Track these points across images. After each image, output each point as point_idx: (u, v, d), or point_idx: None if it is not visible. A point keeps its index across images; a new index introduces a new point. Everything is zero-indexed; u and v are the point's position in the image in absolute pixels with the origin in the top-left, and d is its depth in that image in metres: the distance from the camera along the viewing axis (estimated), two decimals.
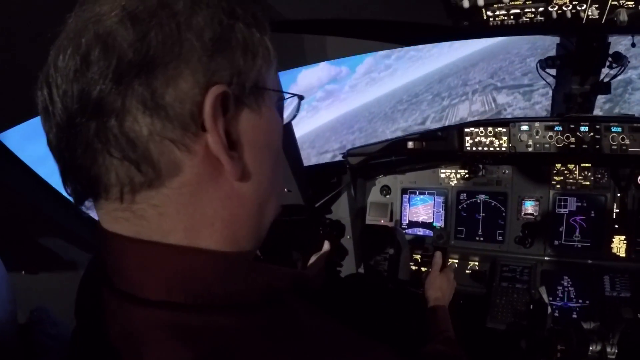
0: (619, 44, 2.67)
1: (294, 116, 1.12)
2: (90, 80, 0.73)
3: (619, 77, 2.85)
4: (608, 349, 2.37)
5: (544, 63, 2.86)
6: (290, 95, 1.07)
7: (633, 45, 2.46)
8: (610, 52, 2.66)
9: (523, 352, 2.84)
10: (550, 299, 3.02)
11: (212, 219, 0.83)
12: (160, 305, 0.78)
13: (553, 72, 2.95)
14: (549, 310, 2.78)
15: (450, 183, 3.41)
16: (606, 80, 2.80)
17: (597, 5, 1.97)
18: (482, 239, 3.36)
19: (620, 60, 2.65)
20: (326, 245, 2.63)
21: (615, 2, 1.94)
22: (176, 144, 0.76)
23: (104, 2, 0.76)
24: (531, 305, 2.98)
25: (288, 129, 2.53)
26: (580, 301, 3.04)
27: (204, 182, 0.80)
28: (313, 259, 2.68)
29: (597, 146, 2.82)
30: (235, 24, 0.81)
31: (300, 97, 1.11)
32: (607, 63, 2.72)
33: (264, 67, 0.86)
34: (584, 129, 2.83)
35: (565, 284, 3.10)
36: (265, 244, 1.01)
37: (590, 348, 2.40)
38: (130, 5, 0.74)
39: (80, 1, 0.80)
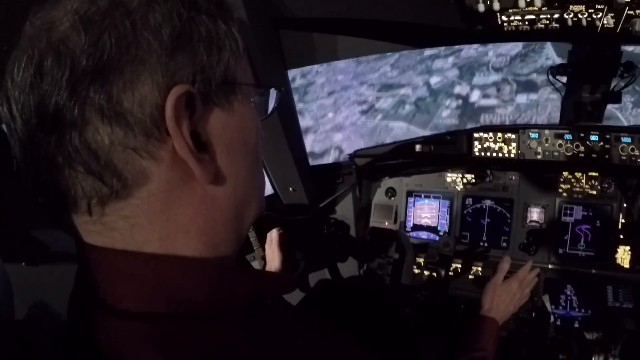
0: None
1: (273, 110, 1.06)
2: (46, 92, 0.70)
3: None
4: None
5: (555, 70, 2.85)
6: (265, 89, 1.03)
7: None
8: (622, 61, 2.65)
9: (524, 359, 2.84)
10: (553, 307, 3.00)
11: (187, 225, 0.81)
12: (142, 317, 0.76)
13: (564, 79, 2.93)
14: (552, 319, 2.77)
15: (457, 187, 3.39)
16: (616, 89, 2.78)
17: (612, 14, 1.96)
18: (486, 244, 3.34)
19: (632, 69, 2.63)
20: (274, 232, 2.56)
21: (631, 12, 1.93)
22: (140, 152, 0.73)
23: (57, 8, 0.73)
24: (533, 313, 2.97)
25: (294, 127, 2.53)
26: (583, 311, 3.02)
27: (175, 188, 0.78)
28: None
29: (607, 156, 2.81)
30: (197, 17, 0.78)
31: (279, 90, 1.07)
32: (619, 72, 2.70)
33: (232, 60, 0.82)
34: (593, 138, 2.81)
35: (569, 292, 3.08)
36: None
37: (592, 359, 2.39)
38: (82, 7, 0.71)
39: (33, 9, 0.76)
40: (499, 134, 3.05)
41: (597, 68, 2.71)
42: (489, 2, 1.90)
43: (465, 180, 3.37)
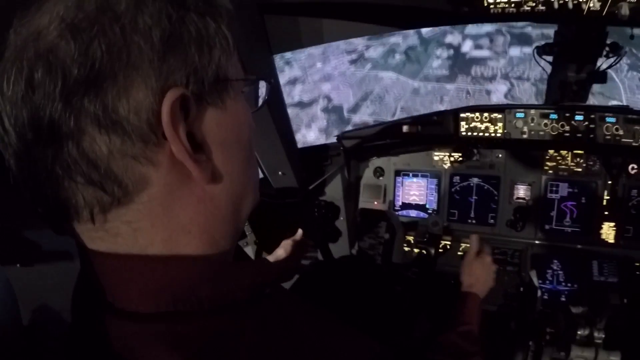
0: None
1: (264, 102, 1.07)
2: (39, 105, 0.68)
3: None
4: (595, 334, 2.42)
5: (541, 50, 2.86)
6: (256, 81, 1.02)
7: (632, 37, 2.46)
8: (608, 41, 2.66)
9: (513, 333, 2.90)
10: (540, 282, 3.06)
11: (189, 225, 0.81)
12: (151, 318, 0.78)
13: (549, 58, 2.94)
14: (539, 293, 2.83)
15: (444, 166, 3.42)
16: (602, 69, 2.80)
17: None
18: (474, 221, 3.39)
19: (617, 50, 2.65)
20: (298, 233, 2.60)
21: None
22: (139, 159, 0.73)
23: (42, 14, 0.72)
24: (521, 288, 3.03)
25: (281, 112, 2.51)
26: (569, 285, 3.08)
27: (174, 191, 0.78)
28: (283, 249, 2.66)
29: (591, 135, 2.84)
30: (186, 16, 0.76)
31: (268, 81, 1.07)
32: (604, 52, 2.71)
33: (222, 57, 0.82)
34: (578, 117, 2.84)
35: (555, 267, 3.14)
36: (259, 226, 1.02)
37: (578, 332, 2.44)
38: (68, 14, 0.69)
39: (18, 16, 0.74)
40: (485, 114, 3.06)
41: (582, 48, 2.72)
42: None
43: (452, 159, 3.39)
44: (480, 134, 3.10)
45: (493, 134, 3.07)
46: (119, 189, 0.73)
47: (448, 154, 3.40)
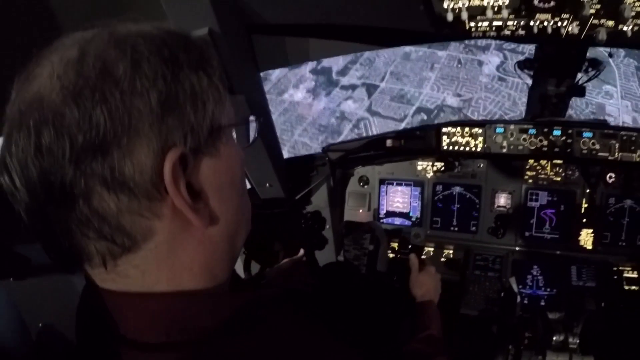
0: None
1: (254, 139, 1.15)
2: (50, 169, 0.74)
3: None
4: (570, 339, 2.51)
5: (522, 64, 2.93)
6: (246, 120, 1.11)
7: (610, 55, 2.55)
8: (588, 57, 2.74)
9: (494, 337, 2.97)
10: (520, 287, 3.15)
11: (190, 264, 0.89)
12: (162, 348, 0.86)
13: (531, 71, 3.02)
14: (518, 299, 2.91)
15: (427, 175, 3.49)
16: (581, 82, 2.88)
17: (577, 23, 2.03)
18: (456, 229, 3.47)
19: (597, 65, 2.73)
20: (300, 253, 2.70)
21: (596, 21, 2.00)
22: (145, 214, 0.80)
23: (42, 77, 0.77)
24: (502, 293, 3.11)
25: (265, 112, 2.56)
26: (548, 289, 3.17)
27: (177, 236, 0.85)
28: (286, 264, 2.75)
29: (569, 150, 2.92)
30: (180, 73, 0.82)
31: (258, 119, 1.16)
32: (584, 67, 2.79)
33: (216, 109, 0.88)
34: (556, 132, 2.92)
35: (535, 273, 3.23)
36: (248, 237, 1.08)
37: (554, 338, 2.53)
38: (69, 79, 0.75)
39: (19, 77, 0.81)
40: (466, 129, 3.14)
41: (562, 64, 2.79)
42: (457, 11, 1.95)
43: (435, 168, 3.46)
44: (462, 148, 3.17)
45: (474, 149, 3.14)
46: (128, 240, 0.80)
47: (431, 163, 3.47)
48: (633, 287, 3.09)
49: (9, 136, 0.77)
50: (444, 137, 3.19)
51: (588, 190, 3.20)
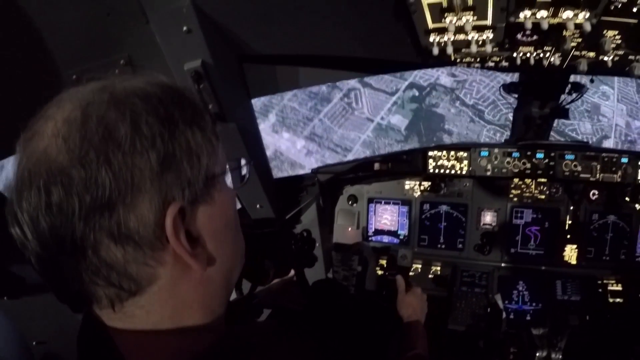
0: None
1: (246, 180, 1.27)
2: (60, 224, 0.81)
3: None
4: (553, 355, 2.58)
5: (507, 87, 3.00)
6: (238, 164, 1.22)
7: (592, 81, 2.62)
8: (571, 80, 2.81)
9: (481, 352, 3.03)
10: (506, 302, 3.21)
11: (191, 302, 0.97)
12: None
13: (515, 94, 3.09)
14: (504, 315, 2.97)
15: (414, 194, 3.55)
16: (564, 104, 2.95)
17: (559, 54, 2.09)
18: (443, 246, 3.53)
19: (579, 88, 2.80)
20: (291, 273, 2.76)
21: (578, 53, 2.06)
22: (149, 262, 0.88)
23: (44, 134, 0.84)
24: (488, 309, 3.16)
25: (258, 146, 2.61)
26: (534, 304, 3.24)
27: (178, 279, 0.93)
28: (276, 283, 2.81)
29: (551, 172, 3.01)
30: (176, 131, 0.89)
31: (248, 162, 1.27)
32: (567, 90, 2.86)
33: (210, 161, 0.96)
34: (539, 155, 3.00)
35: (520, 288, 3.29)
36: None
37: (537, 354, 2.60)
38: (73, 141, 0.81)
39: (24, 136, 0.88)
40: (452, 152, 3.23)
41: (546, 88, 2.87)
42: (443, 45, 2.00)
43: (422, 188, 3.52)
44: (447, 171, 3.26)
45: (459, 172, 3.24)
46: (134, 285, 0.89)
47: (418, 183, 3.53)
48: (617, 300, 3.17)
49: (19, 193, 0.84)
50: (430, 161, 3.28)
51: (572, 207, 3.28)
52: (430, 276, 3.46)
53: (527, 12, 1.77)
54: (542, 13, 1.76)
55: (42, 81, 1.93)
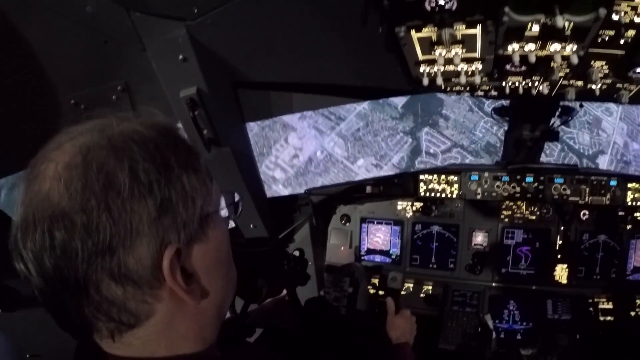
0: None
1: (240, 212, 1.34)
2: (64, 264, 0.87)
3: None
4: None
5: (498, 111, 3.05)
6: (232, 201, 1.27)
7: (581, 106, 2.67)
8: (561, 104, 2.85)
9: None
10: (497, 321, 3.24)
11: (185, 333, 1.03)
12: None
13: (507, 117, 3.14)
14: (494, 335, 3.00)
15: (407, 214, 3.58)
16: (555, 127, 3.00)
17: (547, 84, 2.12)
18: (435, 266, 3.56)
19: (570, 112, 2.84)
20: (283, 292, 2.80)
21: (566, 82, 2.10)
22: (147, 299, 0.94)
23: (46, 177, 0.89)
24: (479, 328, 3.19)
25: (249, 160, 2.64)
26: (525, 324, 3.27)
27: (174, 313, 0.99)
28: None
29: (541, 195, 3.05)
30: (172, 176, 0.95)
31: (241, 197, 1.32)
32: (557, 113, 2.91)
33: (204, 202, 1.02)
34: (529, 179, 3.05)
35: (511, 307, 3.32)
36: None
37: None
38: (74, 188, 0.87)
39: (27, 176, 0.94)
40: (443, 176, 3.29)
41: (536, 112, 2.92)
42: (433, 75, 2.04)
43: (415, 208, 3.56)
44: (438, 194, 3.32)
45: (449, 195, 3.29)
46: (133, 319, 0.95)
47: (410, 203, 3.57)
48: (608, 318, 3.20)
49: (24, 233, 0.89)
50: (421, 184, 3.34)
51: (562, 228, 3.32)
52: (421, 295, 3.49)
53: (515, 45, 1.80)
54: (530, 46, 1.79)
55: (42, 105, 1.97)
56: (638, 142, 13.65)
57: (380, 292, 3.45)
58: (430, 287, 3.50)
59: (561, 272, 3.35)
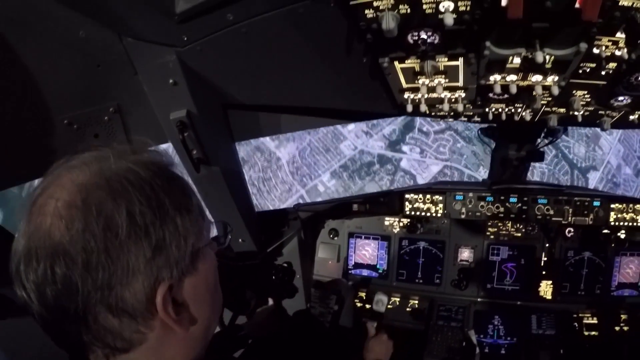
0: None
1: (229, 240, 1.42)
2: (64, 297, 0.94)
3: None
4: None
5: (484, 131, 3.10)
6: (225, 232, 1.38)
7: (565, 129, 2.72)
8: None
9: None
10: (482, 336, 3.29)
11: (174, 356, 1.10)
12: None
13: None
14: (477, 350, 3.05)
15: (394, 230, 3.62)
16: (540, 147, 3.05)
17: (530, 111, 2.17)
18: (421, 281, 3.59)
19: (555, 133, 2.89)
20: (270, 302, 2.85)
21: (548, 109, 2.14)
22: (141, 330, 1.01)
23: (47, 213, 0.95)
24: (464, 343, 3.23)
25: (238, 177, 2.69)
26: (509, 338, 3.32)
27: (163, 339, 1.06)
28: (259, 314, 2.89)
29: (524, 215, 3.10)
30: (167, 217, 1.01)
31: (230, 230, 1.42)
32: (543, 134, 2.97)
33: (196, 240, 1.09)
34: (512, 200, 3.10)
35: (496, 322, 3.36)
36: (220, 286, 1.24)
37: None
38: (75, 229, 0.93)
39: (29, 208, 0.99)
40: (428, 196, 3.33)
41: (522, 133, 2.97)
42: (417, 102, 2.09)
43: (401, 224, 3.60)
44: (423, 213, 3.37)
45: (434, 214, 3.35)
46: (127, 345, 1.02)
47: (397, 219, 3.61)
48: (593, 333, 3.25)
49: (26, 266, 0.96)
50: (407, 203, 3.39)
51: (547, 245, 3.36)
52: (408, 309, 3.52)
53: (497, 76, 1.85)
54: (512, 77, 1.84)
55: (36, 124, 2.01)
56: (631, 168, 13.73)
57: (367, 306, 3.49)
58: (416, 302, 3.53)
59: (546, 288, 3.40)
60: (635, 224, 3.13)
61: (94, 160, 1.02)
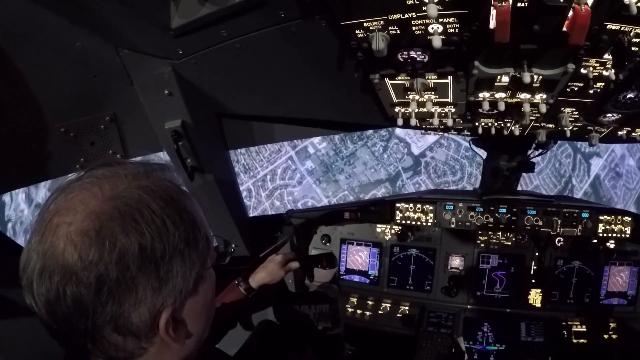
0: None
1: (229, 261, 1.49)
2: (73, 316, 0.99)
3: None
4: None
5: (476, 142, 3.14)
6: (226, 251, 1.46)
7: (555, 142, 2.75)
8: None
9: None
10: (471, 343, 3.32)
11: None
12: None
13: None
14: (466, 356, 3.08)
15: (385, 237, 3.65)
16: (531, 158, 3.09)
17: (519, 126, 2.20)
18: (412, 287, 3.63)
19: (545, 145, 2.93)
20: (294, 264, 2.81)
21: (537, 124, 2.18)
22: (142, 345, 1.08)
23: (59, 235, 0.99)
24: (453, 349, 3.25)
25: (232, 184, 2.72)
26: (498, 345, 3.34)
27: (161, 351, 1.12)
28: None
29: (513, 226, 3.14)
30: (175, 251, 1.06)
31: (232, 250, 1.55)
32: (533, 146, 3.01)
33: (200, 267, 1.13)
34: (502, 210, 3.14)
35: (485, 329, 3.39)
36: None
37: None
38: (88, 259, 0.97)
39: (37, 227, 1.03)
40: (418, 205, 3.37)
41: (513, 144, 3.01)
42: (407, 115, 2.12)
43: (393, 232, 3.63)
44: (414, 222, 3.41)
45: (425, 223, 3.39)
46: (127, 355, 1.09)
47: (389, 227, 3.64)
48: (582, 340, 3.28)
49: (38, 284, 1.00)
50: (397, 212, 3.43)
51: (537, 254, 3.41)
52: (398, 315, 3.55)
53: (486, 94, 1.88)
54: (500, 94, 1.88)
55: (33, 132, 2.04)
56: (635, 160, 13.73)
57: (358, 311, 3.52)
58: (407, 308, 3.56)
59: (535, 296, 3.43)
60: (623, 235, 3.17)
61: (106, 181, 1.05)
